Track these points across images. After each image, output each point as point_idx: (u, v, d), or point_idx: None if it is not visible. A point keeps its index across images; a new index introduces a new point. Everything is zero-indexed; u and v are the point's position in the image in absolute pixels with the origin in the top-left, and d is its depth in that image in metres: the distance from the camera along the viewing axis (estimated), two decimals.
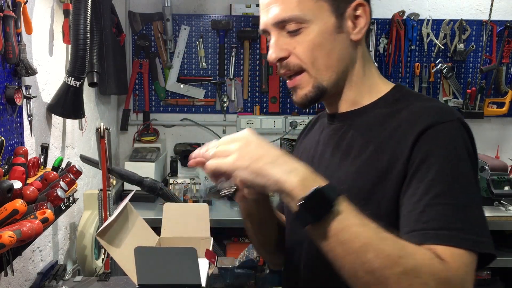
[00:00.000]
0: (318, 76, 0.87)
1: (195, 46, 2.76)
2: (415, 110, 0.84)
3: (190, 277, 1.00)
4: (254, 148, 0.73)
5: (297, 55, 0.86)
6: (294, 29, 0.85)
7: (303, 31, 0.85)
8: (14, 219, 1.00)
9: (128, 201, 1.28)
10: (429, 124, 0.79)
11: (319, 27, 0.85)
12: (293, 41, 0.86)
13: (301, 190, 0.68)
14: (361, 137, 0.89)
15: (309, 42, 0.85)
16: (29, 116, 1.45)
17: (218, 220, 2.20)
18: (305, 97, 0.90)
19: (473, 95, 2.72)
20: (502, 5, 2.73)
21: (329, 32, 0.86)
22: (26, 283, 1.46)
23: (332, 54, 0.87)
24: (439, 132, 0.79)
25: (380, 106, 0.91)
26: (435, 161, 0.76)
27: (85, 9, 1.56)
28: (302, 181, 0.69)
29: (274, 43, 0.87)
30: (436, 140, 0.78)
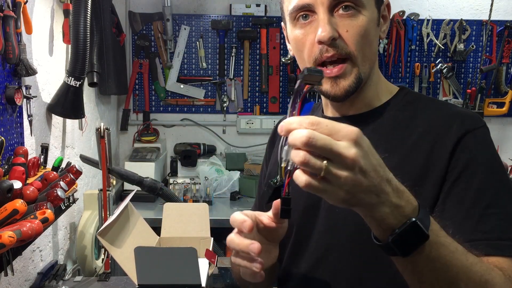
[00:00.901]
0: (361, 65, 0.83)
1: (195, 46, 2.76)
2: (444, 116, 0.84)
3: (190, 277, 1.00)
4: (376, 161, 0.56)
5: (347, 39, 0.81)
6: (349, 11, 0.80)
7: (355, 15, 0.81)
8: (14, 219, 1.00)
9: (129, 201, 1.28)
10: (467, 129, 0.80)
11: (368, 15, 0.82)
12: (345, 23, 0.80)
13: (394, 219, 0.57)
14: (384, 142, 0.85)
15: (361, 28, 0.81)
16: (29, 116, 1.45)
17: (218, 220, 2.19)
18: (348, 88, 0.83)
19: (473, 95, 2.72)
20: (502, 5, 2.73)
21: (374, 23, 0.84)
22: (26, 283, 1.46)
23: (373, 46, 0.85)
24: (477, 137, 0.80)
25: (394, 109, 0.89)
26: (479, 167, 0.77)
27: (85, 9, 1.56)
28: (396, 208, 0.57)
29: (327, 21, 0.79)
30: (476, 145, 0.79)
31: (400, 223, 0.57)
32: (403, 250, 0.58)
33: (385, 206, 0.56)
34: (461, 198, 0.76)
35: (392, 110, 0.89)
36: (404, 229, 0.57)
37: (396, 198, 0.57)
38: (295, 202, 0.94)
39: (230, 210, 2.36)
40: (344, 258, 0.87)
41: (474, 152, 0.79)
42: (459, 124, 0.81)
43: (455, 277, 0.62)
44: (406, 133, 0.85)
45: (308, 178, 0.53)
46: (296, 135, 0.53)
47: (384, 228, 0.58)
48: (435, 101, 0.91)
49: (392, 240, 0.57)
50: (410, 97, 0.91)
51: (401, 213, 0.57)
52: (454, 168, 0.78)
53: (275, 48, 2.74)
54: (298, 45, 0.85)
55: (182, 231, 1.41)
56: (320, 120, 0.53)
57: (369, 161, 0.54)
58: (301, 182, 0.54)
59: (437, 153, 0.80)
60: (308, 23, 0.83)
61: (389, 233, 0.58)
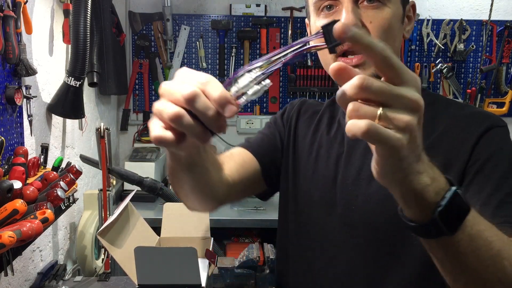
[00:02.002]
0: None
1: (195, 46, 2.76)
2: (466, 114, 0.85)
3: (190, 277, 1.00)
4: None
5: (370, 30, 0.80)
6: (373, 3, 0.80)
7: (381, 7, 0.80)
8: (14, 219, 1.00)
9: (129, 201, 1.28)
10: (488, 126, 0.81)
11: (393, 10, 0.81)
12: (369, 14, 0.80)
13: (434, 192, 0.51)
14: None
15: (385, 20, 0.80)
16: (29, 116, 1.45)
17: (218, 220, 2.20)
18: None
19: (473, 95, 2.72)
20: (502, 5, 2.72)
21: (398, 19, 0.84)
22: (26, 283, 1.45)
23: (395, 42, 0.84)
24: (499, 134, 0.81)
25: None
26: (500, 161, 0.77)
27: (85, 9, 1.56)
28: (433, 180, 0.52)
29: (351, 9, 0.78)
30: (498, 141, 0.80)
31: (440, 196, 0.51)
32: (450, 226, 0.52)
33: (425, 175, 0.50)
34: (481, 188, 0.76)
35: None
36: (449, 200, 0.51)
37: (431, 169, 0.52)
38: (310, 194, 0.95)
39: (230, 210, 2.36)
40: (359, 257, 0.87)
41: (496, 146, 0.79)
42: (481, 122, 0.82)
43: (498, 255, 0.56)
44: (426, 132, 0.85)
45: (367, 121, 0.45)
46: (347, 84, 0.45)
47: (425, 203, 0.51)
48: (454, 102, 0.91)
49: (439, 214, 0.51)
50: (430, 99, 0.90)
51: (439, 186, 0.52)
52: (476, 162, 0.78)
53: (275, 48, 2.74)
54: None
55: (182, 231, 1.41)
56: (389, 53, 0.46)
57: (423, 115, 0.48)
58: (360, 128, 0.44)
59: (458, 149, 0.80)
60: (332, 13, 0.82)
61: (430, 209, 0.51)
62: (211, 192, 0.83)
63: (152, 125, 0.51)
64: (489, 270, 0.57)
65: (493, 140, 0.80)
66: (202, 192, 0.81)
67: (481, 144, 0.79)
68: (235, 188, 0.92)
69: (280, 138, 1.04)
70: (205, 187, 0.80)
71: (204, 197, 0.83)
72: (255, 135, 1.07)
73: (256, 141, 1.04)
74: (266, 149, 1.02)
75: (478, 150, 0.79)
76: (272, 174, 1.02)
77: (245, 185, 0.96)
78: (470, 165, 0.79)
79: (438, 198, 0.51)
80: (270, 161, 1.01)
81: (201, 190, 0.80)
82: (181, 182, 0.79)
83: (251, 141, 1.04)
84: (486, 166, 0.77)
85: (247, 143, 1.03)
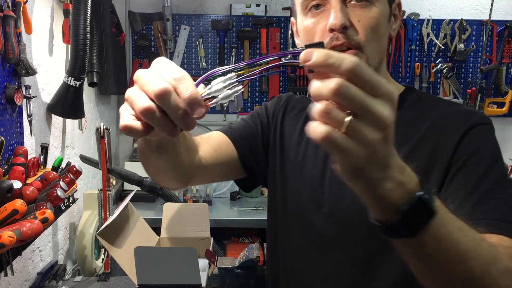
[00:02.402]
0: (370, 57, 0.82)
1: (195, 46, 2.76)
2: (451, 112, 0.86)
3: (190, 277, 1.00)
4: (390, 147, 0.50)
5: (358, 28, 0.80)
6: (361, 2, 0.80)
7: (369, 6, 0.81)
8: (14, 219, 1.00)
9: (129, 201, 1.28)
10: (472, 124, 0.82)
11: (381, 9, 0.82)
12: (357, 13, 0.80)
13: (398, 196, 0.51)
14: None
15: (373, 19, 0.81)
16: (29, 116, 1.45)
17: (218, 220, 2.20)
18: None
19: (473, 95, 2.72)
20: (502, 5, 2.72)
21: (386, 18, 0.84)
22: (26, 283, 1.45)
23: (383, 41, 0.85)
24: (483, 131, 0.82)
25: (401, 108, 0.89)
26: (482, 158, 0.78)
27: (85, 9, 1.56)
28: (398, 186, 0.51)
29: (339, 8, 0.79)
30: (481, 138, 0.81)
31: (404, 200, 0.51)
32: (411, 229, 0.52)
33: (389, 181, 0.50)
34: (462, 185, 0.77)
35: (400, 109, 0.89)
36: (411, 205, 0.51)
37: (399, 174, 0.51)
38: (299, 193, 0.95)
39: (230, 210, 2.36)
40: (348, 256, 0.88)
41: (479, 144, 0.80)
42: (465, 120, 0.82)
43: (465, 255, 0.57)
44: (412, 130, 0.86)
45: (328, 128, 0.44)
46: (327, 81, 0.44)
47: (388, 207, 0.51)
48: (442, 100, 0.92)
49: (399, 219, 0.51)
50: (417, 96, 0.91)
51: (405, 190, 0.51)
52: (459, 159, 0.79)
53: (275, 48, 2.74)
54: (308, 34, 0.83)
55: (182, 231, 1.41)
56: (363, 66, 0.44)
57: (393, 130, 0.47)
58: (319, 134, 0.44)
59: (442, 147, 0.81)
60: (320, 13, 0.82)
61: (393, 212, 0.51)
62: (181, 172, 0.83)
63: (122, 113, 0.51)
64: (455, 270, 0.57)
65: (476, 137, 0.81)
66: (171, 172, 0.82)
67: (465, 142, 0.80)
68: (208, 170, 0.93)
69: (261, 129, 1.04)
70: (175, 168, 0.81)
71: (173, 176, 0.84)
72: (239, 122, 1.07)
73: (238, 128, 1.04)
74: (246, 138, 1.02)
75: (461, 147, 0.80)
76: (252, 163, 1.02)
77: (221, 169, 0.97)
78: (453, 162, 0.80)
79: (400, 203, 0.51)
80: (248, 149, 1.01)
81: (170, 170, 0.81)
82: (150, 162, 0.79)
83: (233, 127, 1.04)
84: (468, 163, 0.78)
85: (229, 129, 1.03)
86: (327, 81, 0.44)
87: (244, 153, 1.00)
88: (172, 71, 0.49)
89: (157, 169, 0.81)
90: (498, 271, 0.59)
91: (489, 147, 0.80)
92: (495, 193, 0.75)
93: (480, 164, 0.78)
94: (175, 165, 0.80)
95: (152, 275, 0.99)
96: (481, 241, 0.60)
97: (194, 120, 0.49)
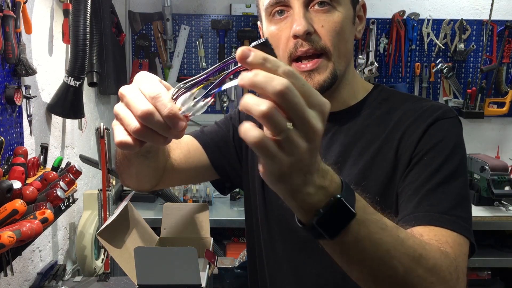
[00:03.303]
0: (336, 62, 0.83)
1: (195, 46, 2.76)
2: (416, 108, 0.86)
3: (190, 277, 1.00)
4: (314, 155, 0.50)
5: (322, 34, 0.81)
6: (324, 7, 0.81)
7: (331, 11, 0.81)
8: (13, 219, 1.00)
9: (128, 201, 1.28)
10: (435, 119, 0.83)
11: (343, 13, 0.82)
12: (320, 19, 0.81)
13: (317, 200, 0.52)
14: (360, 139, 0.88)
15: (336, 24, 0.81)
16: (28, 116, 1.45)
17: (218, 220, 2.20)
18: (323, 83, 0.82)
19: (473, 95, 2.71)
20: (502, 5, 2.72)
21: (349, 21, 0.85)
22: (25, 283, 1.45)
23: (348, 44, 0.85)
24: (443, 126, 0.82)
25: (370, 106, 0.91)
26: (438, 152, 0.79)
27: (84, 9, 1.56)
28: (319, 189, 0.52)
29: (302, 15, 0.79)
30: (441, 133, 0.82)
31: (323, 202, 0.52)
32: (329, 232, 0.53)
33: (309, 186, 0.50)
34: (415, 178, 0.79)
35: (368, 108, 0.91)
36: (329, 208, 0.51)
37: (321, 178, 0.51)
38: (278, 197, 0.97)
39: (230, 210, 2.36)
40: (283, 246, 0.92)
41: (438, 138, 0.81)
42: (429, 115, 0.84)
43: (386, 254, 0.58)
44: (380, 129, 0.87)
45: (262, 134, 0.44)
46: (272, 80, 0.43)
47: (307, 209, 0.52)
48: (410, 97, 0.93)
49: (317, 221, 0.52)
50: (385, 94, 0.93)
51: (325, 193, 0.52)
52: (418, 153, 0.81)
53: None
54: (273, 41, 0.84)
55: (182, 231, 1.41)
56: (298, 75, 0.45)
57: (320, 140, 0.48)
58: (251, 137, 0.44)
59: (406, 143, 0.83)
60: (284, 19, 0.83)
61: (312, 215, 0.52)
62: (155, 175, 0.90)
63: (115, 129, 0.53)
64: (378, 268, 0.59)
65: (437, 132, 0.82)
66: (148, 175, 0.88)
67: (426, 136, 0.82)
68: (178, 174, 0.97)
69: (233, 133, 1.05)
70: (153, 171, 0.87)
71: (148, 179, 0.90)
72: (212, 126, 1.08)
73: (210, 132, 1.05)
74: (217, 142, 1.03)
75: (422, 142, 0.82)
76: (224, 165, 1.04)
77: (193, 173, 1.02)
78: (413, 156, 0.82)
79: (319, 206, 0.52)
80: (220, 153, 1.03)
81: (148, 173, 0.87)
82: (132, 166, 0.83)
83: (205, 131, 1.06)
84: (424, 158, 0.80)
85: (200, 133, 1.05)
86: (276, 79, 0.43)
87: (215, 157, 1.03)
88: (150, 88, 0.51)
89: (137, 172, 0.86)
90: (423, 269, 0.61)
91: (448, 141, 0.81)
92: (444, 187, 0.77)
93: (434, 159, 0.79)
94: (153, 169, 0.86)
95: (152, 275, 0.99)
96: (406, 240, 0.61)
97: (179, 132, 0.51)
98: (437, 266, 0.63)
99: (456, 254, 0.69)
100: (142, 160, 0.80)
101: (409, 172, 0.81)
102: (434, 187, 0.76)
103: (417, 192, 0.77)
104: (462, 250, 0.72)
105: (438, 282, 0.62)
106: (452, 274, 0.64)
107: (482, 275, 2.31)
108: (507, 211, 2.25)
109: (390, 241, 0.59)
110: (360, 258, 0.58)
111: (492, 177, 2.23)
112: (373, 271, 0.60)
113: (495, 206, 2.29)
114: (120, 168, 0.88)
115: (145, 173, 0.87)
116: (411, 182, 0.79)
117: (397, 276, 0.60)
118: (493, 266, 2.29)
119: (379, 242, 0.57)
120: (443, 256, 0.65)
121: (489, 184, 2.23)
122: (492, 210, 2.26)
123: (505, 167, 2.31)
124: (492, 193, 2.22)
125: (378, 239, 0.57)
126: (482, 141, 2.76)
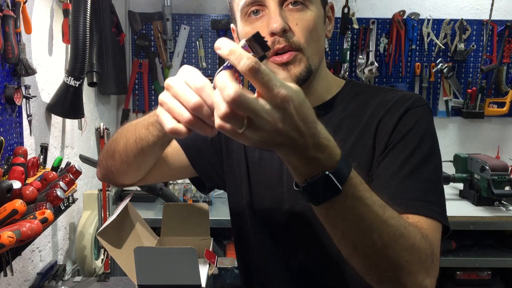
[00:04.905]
0: (310, 57, 0.86)
1: (195, 45, 2.75)
2: (388, 99, 0.90)
3: (190, 277, 1.00)
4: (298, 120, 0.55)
5: (297, 31, 0.84)
6: (297, 6, 0.84)
7: (305, 9, 0.85)
8: (13, 219, 1.00)
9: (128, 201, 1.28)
10: (407, 108, 0.86)
11: (315, 12, 0.86)
12: (295, 17, 0.84)
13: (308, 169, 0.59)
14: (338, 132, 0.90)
15: (309, 22, 0.85)
16: (28, 116, 1.45)
17: (218, 220, 2.19)
18: (299, 75, 0.85)
19: (473, 95, 2.71)
20: (502, 5, 2.72)
21: (321, 20, 0.89)
22: (25, 283, 1.45)
23: (320, 41, 0.89)
24: (414, 114, 0.86)
25: (344, 100, 0.94)
26: (410, 140, 0.83)
27: (84, 9, 1.56)
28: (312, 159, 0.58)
29: (278, 13, 0.82)
30: (413, 121, 0.85)
31: (313, 174, 0.59)
32: (313, 200, 0.62)
33: (299, 156, 0.57)
34: (389, 165, 0.83)
35: (342, 102, 0.95)
36: (315, 181, 0.59)
37: (314, 151, 0.57)
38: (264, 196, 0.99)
39: None
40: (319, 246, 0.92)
41: (409, 126, 0.85)
42: (401, 105, 0.87)
43: (368, 228, 0.64)
44: (356, 121, 0.91)
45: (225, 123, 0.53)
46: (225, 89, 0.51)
47: (298, 175, 0.60)
48: (383, 89, 0.96)
49: (302, 188, 0.60)
50: (358, 88, 0.96)
51: (317, 165, 0.58)
52: (392, 141, 0.85)
53: None
54: None
55: (182, 231, 1.41)
56: (261, 68, 0.51)
57: (289, 124, 0.54)
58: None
59: (381, 132, 0.87)
60: (259, 18, 0.86)
61: (302, 181, 0.60)
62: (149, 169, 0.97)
63: (163, 118, 0.61)
64: (359, 239, 0.65)
65: (409, 121, 0.85)
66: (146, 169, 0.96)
67: (399, 126, 0.85)
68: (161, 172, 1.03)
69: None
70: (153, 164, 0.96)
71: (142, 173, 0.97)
72: None
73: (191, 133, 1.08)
74: (197, 143, 1.06)
75: (395, 131, 0.85)
76: (204, 165, 1.07)
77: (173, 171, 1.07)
78: (388, 145, 0.85)
79: (308, 176, 0.59)
80: (200, 155, 1.06)
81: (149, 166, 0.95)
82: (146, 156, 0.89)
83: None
84: (396, 146, 0.84)
85: None
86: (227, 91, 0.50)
87: (195, 158, 1.06)
88: (196, 80, 0.57)
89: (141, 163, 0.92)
90: (401, 246, 0.66)
91: (419, 129, 0.84)
92: (417, 173, 0.80)
93: (406, 147, 0.83)
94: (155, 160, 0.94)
95: (152, 275, 0.98)
96: (391, 219, 0.66)
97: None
98: (415, 247, 0.67)
99: (432, 239, 0.73)
100: (158, 150, 0.86)
101: (382, 160, 0.84)
102: (408, 175, 0.80)
103: (393, 180, 0.80)
104: (436, 236, 0.76)
105: (414, 261, 0.67)
106: (428, 257, 0.69)
107: (482, 275, 2.30)
108: (507, 211, 2.25)
109: (374, 217, 0.64)
110: (343, 226, 0.65)
111: (492, 177, 2.23)
112: (353, 240, 0.66)
113: (495, 206, 2.29)
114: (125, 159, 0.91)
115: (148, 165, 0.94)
116: (386, 169, 0.83)
117: (375, 249, 0.65)
118: (493, 266, 2.29)
119: (362, 216, 0.63)
120: (423, 239, 0.70)
121: (489, 184, 2.23)
122: (492, 210, 2.25)
123: (505, 167, 2.31)
124: (492, 193, 2.22)
125: (362, 213, 0.63)
126: (482, 141, 2.76)
